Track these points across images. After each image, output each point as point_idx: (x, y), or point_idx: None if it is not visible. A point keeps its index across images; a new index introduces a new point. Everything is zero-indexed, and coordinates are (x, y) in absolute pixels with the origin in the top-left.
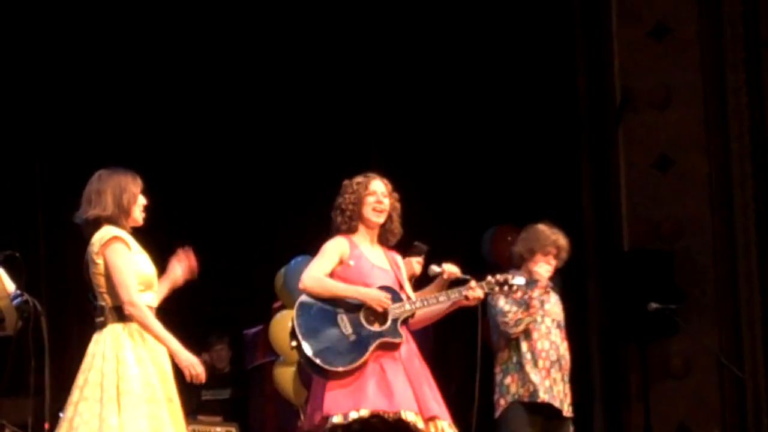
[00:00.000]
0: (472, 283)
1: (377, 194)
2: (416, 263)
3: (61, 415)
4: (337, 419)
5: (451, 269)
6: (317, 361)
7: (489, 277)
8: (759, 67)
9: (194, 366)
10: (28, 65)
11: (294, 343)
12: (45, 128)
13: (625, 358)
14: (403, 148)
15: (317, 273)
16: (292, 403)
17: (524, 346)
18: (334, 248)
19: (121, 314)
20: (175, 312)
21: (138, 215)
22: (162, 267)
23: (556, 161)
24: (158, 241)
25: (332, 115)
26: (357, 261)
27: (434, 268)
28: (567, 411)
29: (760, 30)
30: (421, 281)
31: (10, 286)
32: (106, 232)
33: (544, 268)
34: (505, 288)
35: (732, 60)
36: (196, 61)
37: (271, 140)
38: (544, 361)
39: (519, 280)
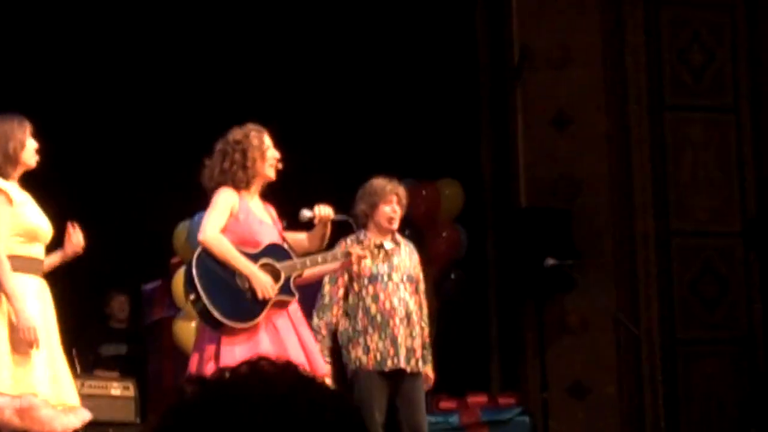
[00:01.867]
0: (356, 248)
1: (272, 149)
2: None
3: None
4: None
5: (323, 212)
6: (216, 314)
7: (366, 241)
8: (657, 28)
9: (30, 331)
10: None
11: (193, 296)
12: None
13: (521, 315)
14: (300, 106)
15: (217, 230)
16: None
17: (372, 308)
18: (226, 201)
19: None
20: (71, 269)
21: (28, 159)
22: (51, 215)
23: (454, 118)
24: (51, 190)
25: (226, 65)
26: (246, 216)
27: (305, 213)
28: (414, 368)
29: None
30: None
31: None
32: None
33: (385, 218)
34: (380, 252)
35: (631, 20)
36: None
37: (173, 87)
38: (393, 319)
39: (388, 244)
